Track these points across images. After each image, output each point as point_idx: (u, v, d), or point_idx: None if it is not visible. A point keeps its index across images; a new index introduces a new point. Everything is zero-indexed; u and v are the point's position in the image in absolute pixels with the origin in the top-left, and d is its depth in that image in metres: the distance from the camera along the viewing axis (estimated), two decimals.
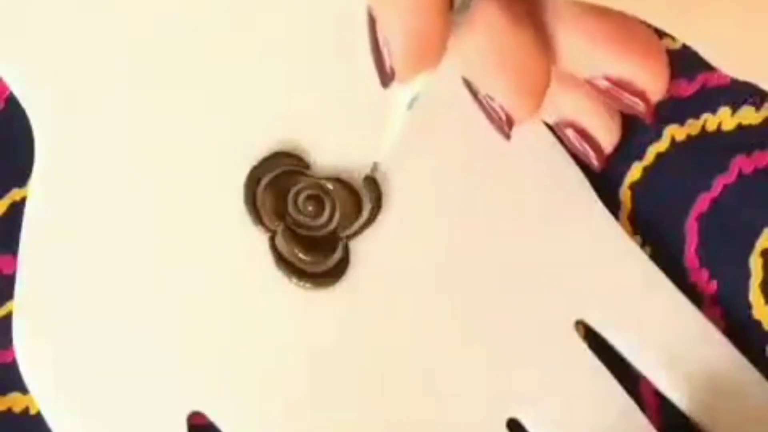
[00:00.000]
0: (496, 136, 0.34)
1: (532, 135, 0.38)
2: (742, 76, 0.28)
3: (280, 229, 0.37)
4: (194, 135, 0.37)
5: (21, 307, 0.36)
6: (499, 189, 0.37)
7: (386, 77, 0.31)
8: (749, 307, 0.37)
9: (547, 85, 0.31)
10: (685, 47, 0.39)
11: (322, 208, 0.37)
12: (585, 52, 0.32)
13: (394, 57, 0.30)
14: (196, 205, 0.37)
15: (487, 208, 0.37)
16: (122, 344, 0.35)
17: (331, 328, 0.36)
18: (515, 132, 0.38)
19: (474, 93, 0.32)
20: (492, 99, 0.32)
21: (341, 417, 0.36)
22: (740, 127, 0.39)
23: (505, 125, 0.32)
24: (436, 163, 0.37)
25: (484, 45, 0.31)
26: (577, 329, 0.37)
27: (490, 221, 0.37)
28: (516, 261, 0.37)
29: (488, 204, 0.37)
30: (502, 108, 0.32)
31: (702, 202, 0.38)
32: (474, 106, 0.33)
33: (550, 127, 0.38)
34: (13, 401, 0.36)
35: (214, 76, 0.37)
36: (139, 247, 0.36)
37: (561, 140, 0.37)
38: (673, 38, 0.39)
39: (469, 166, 0.37)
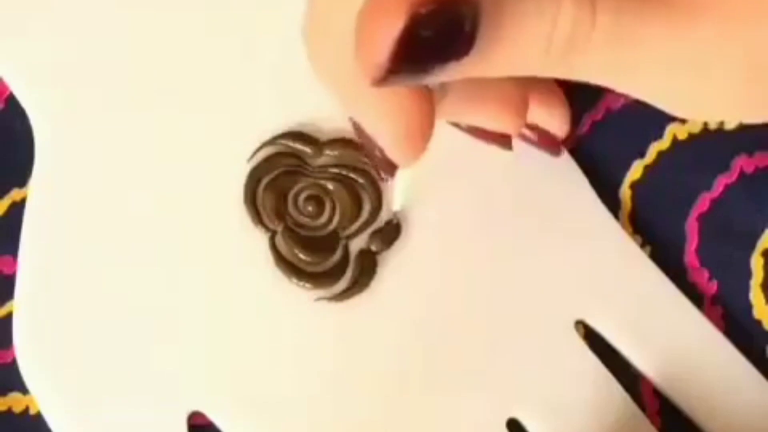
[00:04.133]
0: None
1: None
2: (698, 118, 0.29)
3: (280, 229, 0.37)
4: (194, 135, 0.37)
5: (21, 307, 0.36)
6: (499, 189, 0.37)
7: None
8: (749, 307, 0.37)
9: (430, 133, 0.30)
10: None
11: (322, 208, 0.37)
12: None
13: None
14: (196, 205, 0.37)
15: (488, 208, 0.37)
16: (122, 344, 0.35)
17: (330, 328, 0.36)
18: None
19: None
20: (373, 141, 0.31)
21: (341, 417, 0.36)
22: (742, 127, 0.39)
23: (382, 169, 0.32)
24: (444, 168, 0.37)
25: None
26: (577, 329, 0.37)
27: (490, 222, 0.37)
28: (516, 261, 0.37)
29: (488, 204, 0.37)
30: (381, 151, 0.31)
31: (703, 202, 0.38)
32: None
33: None
34: (13, 401, 0.36)
35: (214, 76, 0.37)
36: (139, 247, 0.36)
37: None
38: None
39: (471, 167, 0.37)
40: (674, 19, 0.25)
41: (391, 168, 0.31)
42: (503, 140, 0.33)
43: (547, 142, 0.35)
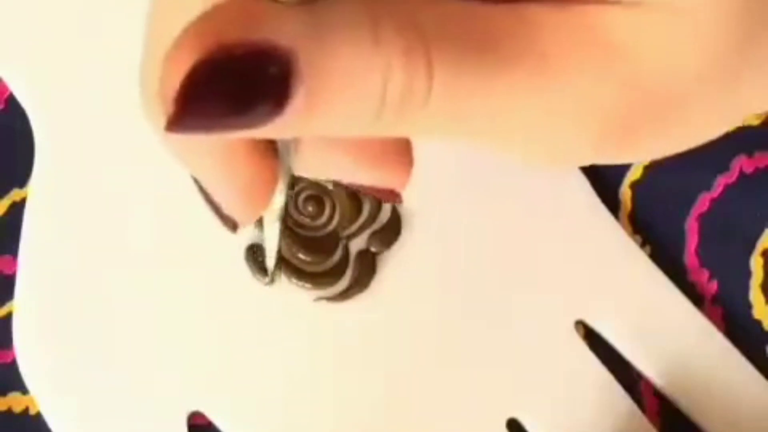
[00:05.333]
0: None
1: None
2: (554, 166, 0.28)
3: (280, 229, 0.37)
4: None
5: (21, 307, 0.36)
6: (499, 189, 0.37)
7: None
8: (749, 307, 0.37)
9: (271, 190, 0.28)
10: None
11: (322, 208, 0.37)
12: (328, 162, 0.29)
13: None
14: (195, 205, 0.37)
15: (487, 209, 0.37)
16: (122, 344, 0.35)
17: (330, 328, 0.36)
18: None
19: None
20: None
21: (341, 417, 0.36)
22: (741, 127, 0.38)
23: (224, 224, 0.30)
24: (444, 169, 0.37)
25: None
26: (577, 329, 0.37)
27: (490, 222, 0.37)
28: (516, 261, 0.37)
29: (488, 205, 0.37)
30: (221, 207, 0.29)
31: (702, 202, 0.38)
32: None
33: None
34: (13, 401, 0.36)
35: None
36: (139, 247, 0.36)
37: None
38: None
39: (471, 168, 0.37)
40: (519, 72, 0.24)
41: (233, 223, 0.29)
42: (392, 195, 0.30)
43: (384, 194, 0.31)
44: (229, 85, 0.22)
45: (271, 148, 0.27)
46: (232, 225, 0.29)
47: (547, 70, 0.24)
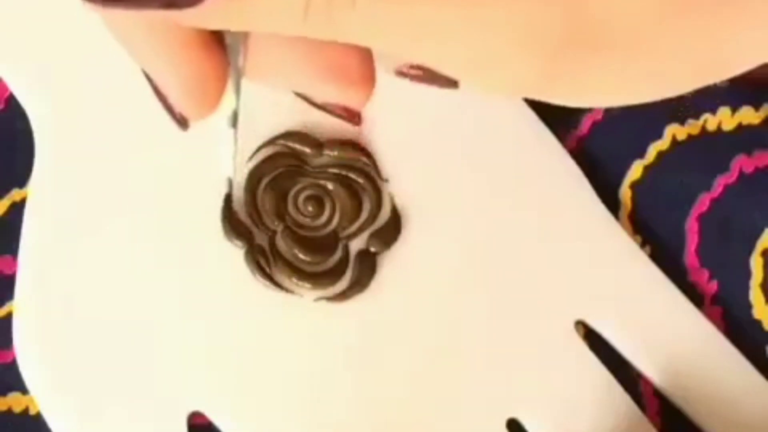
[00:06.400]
0: (496, 140, 0.33)
1: (531, 135, 0.38)
2: (480, 86, 0.27)
3: (280, 229, 0.37)
4: (194, 134, 0.37)
5: (21, 307, 0.36)
6: (499, 189, 0.37)
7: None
8: (749, 307, 0.37)
9: (220, 88, 0.28)
10: None
11: (322, 208, 0.37)
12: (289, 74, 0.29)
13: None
14: (196, 205, 0.37)
15: (488, 208, 0.37)
16: (122, 344, 0.35)
17: (330, 328, 0.36)
18: (516, 132, 0.38)
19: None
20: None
21: (341, 417, 0.36)
22: (740, 127, 0.39)
23: (176, 122, 0.30)
24: (444, 169, 0.37)
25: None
26: (577, 329, 0.37)
27: (490, 222, 0.37)
28: (516, 261, 0.37)
29: (488, 204, 0.37)
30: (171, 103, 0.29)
31: (702, 202, 0.38)
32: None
33: (550, 125, 0.38)
34: (13, 401, 0.36)
35: None
36: (140, 247, 0.36)
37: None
38: None
39: (471, 167, 0.37)
40: None
41: (184, 121, 0.29)
42: (350, 114, 0.30)
43: (344, 113, 0.31)
44: None
45: (223, 47, 0.27)
46: (182, 121, 0.29)
47: None
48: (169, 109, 0.29)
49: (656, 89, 0.25)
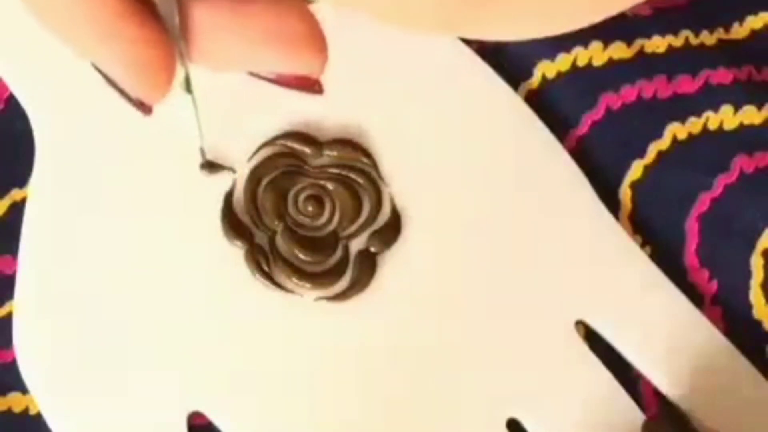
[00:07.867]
0: (496, 140, 0.33)
1: (531, 135, 0.38)
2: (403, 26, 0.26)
3: (280, 229, 0.37)
4: (195, 135, 0.37)
5: (21, 307, 0.36)
6: (498, 189, 0.37)
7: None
8: (749, 307, 0.37)
9: (170, 67, 0.28)
10: (686, 46, 0.39)
11: (322, 208, 0.37)
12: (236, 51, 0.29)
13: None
14: (196, 205, 0.37)
15: (487, 208, 0.37)
16: (122, 344, 0.35)
17: (330, 328, 0.36)
18: (515, 132, 0.38)
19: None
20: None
21: (341, 417, 0.36)
22: (742, 126, 0.38)
23: (137, 108, 0.29)
24: (445, 169, 0.37)
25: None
26: (577, 329, 0.37)
27: (489, 222, 0.37)
28: (516, 261, 0.37)
29: (488, 205, 0.37)
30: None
31: (703, 202, 0.38)
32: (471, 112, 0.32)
33: (550, 125, 0.38)
34: (13, 401, 0.36)
35: (214, 75, 0.37)
36: (140, 246, 0.36)
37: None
38: (675, 35, 0.39)
39: (471, 167, 0.37)
40: None
41: (143, 106, 0.29)
42: (308, 84, 0.29)
43: (302, 83, 0.30)
44: None
45: (159, 19, 0.27)
46: (141, 106, 0.29)
47: None
48: (125, 96, 0.28)
49: (553, 22, 0.25)
